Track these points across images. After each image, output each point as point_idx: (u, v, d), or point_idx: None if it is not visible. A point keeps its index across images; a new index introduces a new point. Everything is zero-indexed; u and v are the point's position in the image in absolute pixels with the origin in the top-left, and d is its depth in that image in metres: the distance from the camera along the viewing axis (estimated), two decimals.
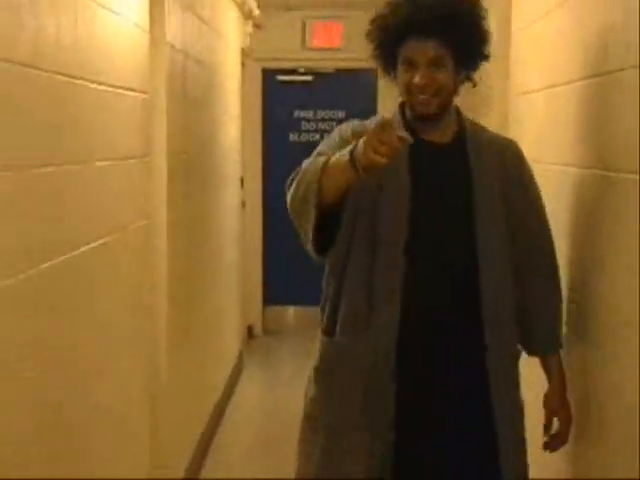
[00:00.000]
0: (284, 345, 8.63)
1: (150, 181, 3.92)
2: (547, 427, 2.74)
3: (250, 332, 8.74)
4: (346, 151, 2.39)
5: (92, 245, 2.94)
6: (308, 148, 9.32)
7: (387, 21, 2.67)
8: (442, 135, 2.67)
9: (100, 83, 3.01)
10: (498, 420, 2.59)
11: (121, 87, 3.31)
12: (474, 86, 2.73)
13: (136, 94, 3.56)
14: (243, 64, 7.81)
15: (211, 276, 5.86)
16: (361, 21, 8.79)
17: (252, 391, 7.16)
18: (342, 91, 8.93)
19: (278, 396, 6.80)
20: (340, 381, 2.63)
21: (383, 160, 2.25)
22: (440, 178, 2.67)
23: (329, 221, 2.52)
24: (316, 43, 8.66)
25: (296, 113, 8.96)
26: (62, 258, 2.65)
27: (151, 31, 3.85)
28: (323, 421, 2.65)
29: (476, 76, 2.70)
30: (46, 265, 2.50)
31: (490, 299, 2.60)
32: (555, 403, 2.72)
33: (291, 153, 8.90)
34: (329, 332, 2.69)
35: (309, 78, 8.91)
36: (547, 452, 2.76)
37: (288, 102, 8.94)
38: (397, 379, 2.57)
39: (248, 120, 8.33)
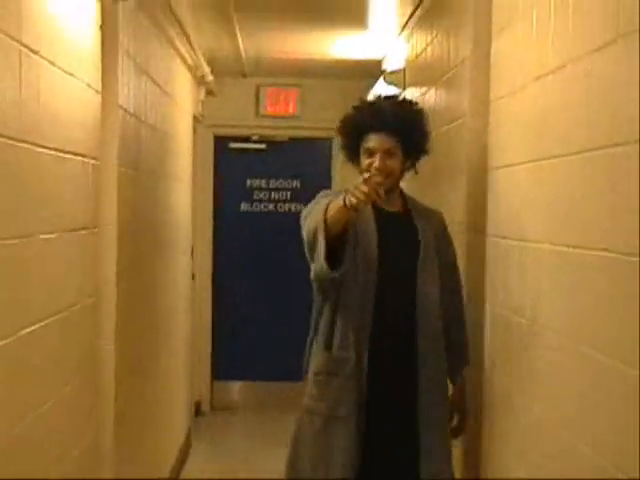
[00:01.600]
0: (233, 423, 8.27)
1: (98, 254, 3.61)
2: (450, 420, 3.67)
3: (198, 409, 8.37)
4: (339, 198, 3.18)
5: (36, 326, 2.62)
6: (260, 218, 9.21)
7: (354, 120, 3.61)
8: (394, 206, 3.63)
9: (47, 147, 2.72)
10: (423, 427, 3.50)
11: (70, 152, 3.02)
12: (416, 173, 3.74)
13: (86, 159, 3.27)
14: (195, 131, 7.55)
15: (161, 351, 5.53)
16: (316, 88, 8.73)
17: (200, 468, 6.81)
18: (296, 160, 8.71)
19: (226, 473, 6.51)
20: (336, 383, 3.46)
21: (366, 199, 3.10)
22: (397, 236, 3.59)
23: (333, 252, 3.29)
24: (270, 110, 8.43)
25: (248, 182, 8.70)
26: (3, 342, 2.33)
27: (103, 93, 3.58)
28: (321, 413, 3.49)
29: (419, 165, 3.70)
30: None
31: (425, 325, 3.51)
32: (456, 403, 3.70)
33: (242, 223, 8.65)
34: (328, 347, 3.50)
35: (262, 146, 8.67)
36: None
37: (240, 170, 8.68)
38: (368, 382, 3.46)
39: (199, 188, 8.05)
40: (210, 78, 7.38)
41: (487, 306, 3.57)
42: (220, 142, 8.59)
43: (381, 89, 6.43)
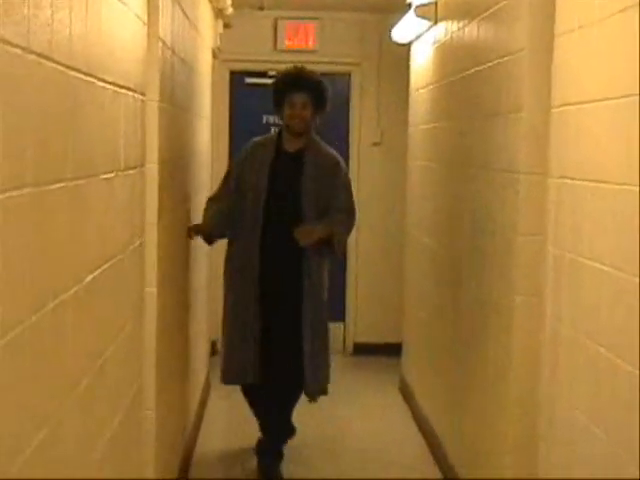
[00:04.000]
0: None
1: (144, 193, 3.47)
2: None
3: (214, 348, 8.26)
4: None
5: (99, 271, 2.49)
6: None
7: (282, 83, 5.22)
8: (294, 147, 5.06)
9: (108, 82, 2.56)
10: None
11: (124, 87, 2.86)
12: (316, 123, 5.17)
13: (136, 95, 3.11)
14: (212, 65, 7.34)
15: (192, 292, 5.42)
16: (335, 22, 8.46)
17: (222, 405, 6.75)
18: None
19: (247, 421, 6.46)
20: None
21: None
22: (286, 173, 5.00)
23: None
24: (288, 44, 8.21)
25: (265, 118, 8.50)
26: (73, 290, 2.20)
27: (148, 24, 3.41)
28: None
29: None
30: (59, 299, 2.05)
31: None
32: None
33: None
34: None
35: None
36: None
37: (257, 106, 8.46)
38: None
39: (215, 124, 7.86)
40: (230, 11, 7.16)
41: (550, 248, 3.44)
42: (236, 77, 8.38)
43: (410, 23, 6.23)
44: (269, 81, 8.43)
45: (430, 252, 5.97)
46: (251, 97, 8.45)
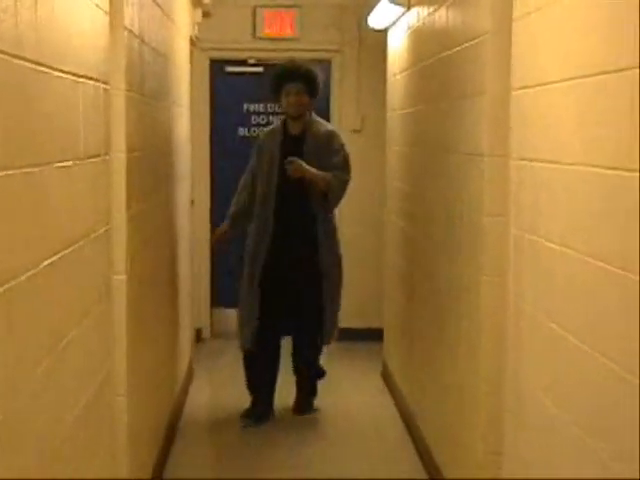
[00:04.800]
0: (233, 347, 8.22)
1: (110, 181, 3.50)
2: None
3: (199, 335, 8.33)
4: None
5: (56, 257, 2.53)
6: None
7: (279, 74, 5.94)
8: (297, 130, 5.96)
9: (63, 71, 2.59)
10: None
11: (83, 76, 2.89)
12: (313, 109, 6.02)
13: (97, 84, 3.14)
14: (191, 54, 7.37)
15: (167, 280, 5.45)
16: (314, 9, 8.49)
17: (204, 393, 6.80)
18: None
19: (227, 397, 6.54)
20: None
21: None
22: (292, 150, 5.83)
23: None
24: (267, 32, 8.23)
25: (246, 106, 8.52)
26: (26, 275, 2.24)
27: (110, 13, 3.43)
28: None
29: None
30: (9, 285, 2.09)
31: (316, 199, 5.82)
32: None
33: (240, 148, 8.48)
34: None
35: (260, 69, 8.47)
36: None
37: (237, 94, 8.49)
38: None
39: (195, 113, 7.89)
40: (207, 0, 7.18)
41: (512, 229, 3.48)
42: (216, 65, 8.39)
43: (384, 9, 6.26)
44: (249, 69, 8.50)
45: (406, 236, 6.02)
46: (232, 85, 8.48)
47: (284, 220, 5.84)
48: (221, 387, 7.16)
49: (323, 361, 6.38)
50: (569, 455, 2.83)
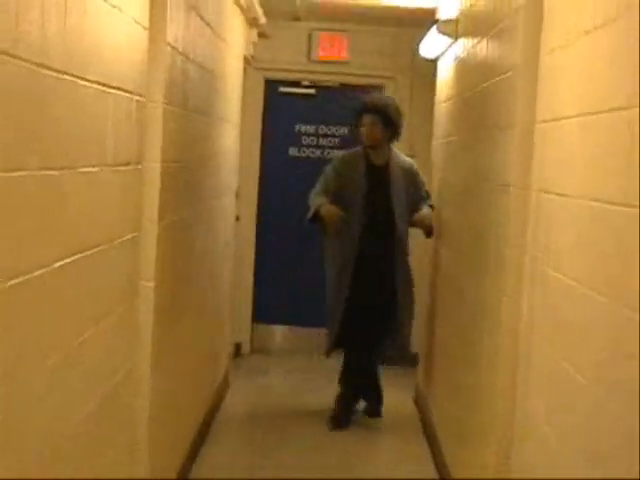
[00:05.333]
0: (271, 364, 8.34)
1: (142, 190, 3.63)
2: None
3: (238, 350, 8.44)
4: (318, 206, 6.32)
5: (70, 259, 2.65)
6: (308, 164, 9.22)
7: (357, 108, 6.45)
8: (380, 160, 6.42)
9: (91, 81, 2.72)
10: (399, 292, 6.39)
11: (115, 87, 3.02)
12: (397, 140, 6.56)
13: (131, 96, 3.27)
14: (245, 72, 7.52)
15: (203, 291, 5.57)
16: (368, 35, 8.61)
17: (238, 407, 6.89)
18: (346, 106, 8.62)
19: (263, 411, 6.64)
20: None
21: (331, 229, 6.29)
22: (377, 182, 6.33)
23: None
24: (322, 55, 8.36)
25: (297, 127, 8.66)
26: (38, 272, 2.36)
27: (151, 29, 3.57)
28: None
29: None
30: (19, 279, 2.21)
31: (400, 225, 6.30)
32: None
33: (290, 168, 8.62)
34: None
35: (312, 91, 8.61)
36: None
37: (290, 115, 8.63)
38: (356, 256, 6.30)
39: (247, 131, 8.04)
40: (263, 20, 7.33)
41: (527, 259, 3.54)
42: (270, 85, 8.54)
43: (433, 38, 6.35)
44: (302, 90, 8.63)
45: (444, 262, 6.08)
46: (285, 105, 8.62)
47: (368, 242, 6.28)
48: (255, 399, 7.26)
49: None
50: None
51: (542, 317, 3.26)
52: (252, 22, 7.32)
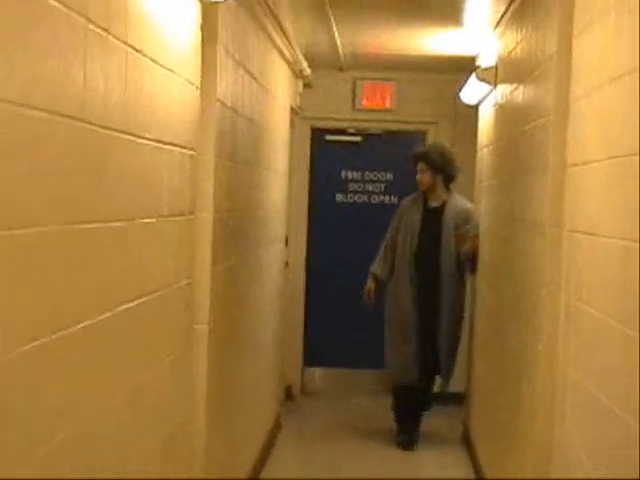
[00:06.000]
0: (321, 407, 8.49)
1: (195, 239, 3.85)
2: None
3: (289, 392, 8.62)
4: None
5: (134, 304, 2.86)
6: (354, 209, 9.41)
7: (414, 165, 7.27)
8: (436, 201, 7.13)
9: (148, 139, 2.95)
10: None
11: (169, 143, 3.25)
12: (450, 183, 7.19)
13: (184, 150, 3.50)
14: (292, 122, 7.78)
15: (253, 335, 5.77)
16: (411, 82, 8.85)
17: (288, 453, 7.05)
18: (390, 152, 8.85)
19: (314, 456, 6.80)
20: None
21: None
22: (431, 221, 7.03)
23: None
24: (366, 104, 8.61)
25: (344, 173, 8.89)
26: (103, 316, 2.57)
27: (202, 88, 3.81)
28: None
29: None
30: (86, 323, 2.43)
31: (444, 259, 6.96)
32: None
33: (337, 213, 8.84)
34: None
35: (358, 139, 8.85)
36: None
37: (336, 162, 8.87)
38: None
39: (296, 179, 8.28)
40: (308, 72, 7.59)
41: (562, 296, 3.70)
42: (317, 134, 8.79)
43: (473, 85, 6.55)
44: (348, 138, 8.88)
45: (487, 303, 6.23)
46: (332, 153, 8.86)
47: (420, 278, 7.03)
48: (308, 441, 7.42)
49: None
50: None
51: (576, 354, 3.41)
52: (298, 74, 7.58)
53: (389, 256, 7.16)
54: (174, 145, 3.33)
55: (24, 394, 2.08)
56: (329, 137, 8.84)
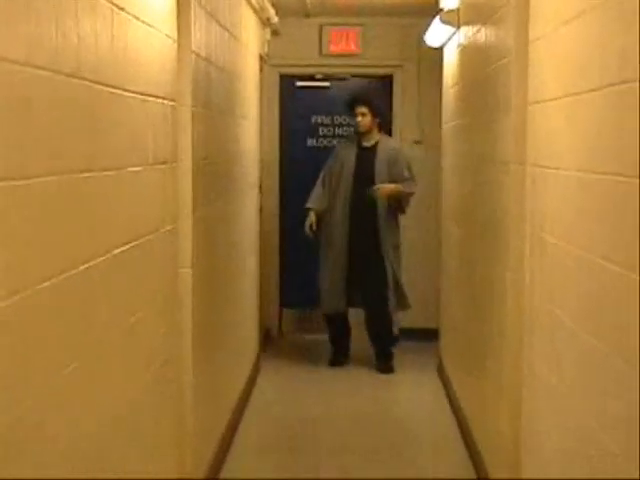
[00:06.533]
0: (301, 347, 8.74)
1: (176, 186, 4.04)
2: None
3: (267, 334, 8.86)
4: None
5: (125, 247, 3.06)
6: (326, 153, 9.56)
7: (349, 100, 7.83)
8: (369, 142, 7.69)
9: (134, 92, 3.13)
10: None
11: (152, 95, 3.43)
12: (381, 124, 7.79)
13: (165, 101, 3.68)
14: (261, 70, 7.92)
15: (232, 279, 5.98)
16: (377, 27, 9.01)
17: (269, 392, 7.30)
18: None
19: (293, 397, 7.06)
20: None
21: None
22: (365, 159, 7.59)
23: None
24: (333, 49, 8.76)
25: (314, 118, 9.06)
26: (99, 259, 2.77)
27: (179, 41, 3.97)
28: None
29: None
30: (83, 267, 2.62)
31: (382, 207, 7.56)
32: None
33: (309, 158, 9.02)
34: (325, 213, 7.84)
35: (327, 84, 9.01)
36: None
37: (306, 107, 9.03)
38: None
39: (266, 125, 8.45)
40: (275, 20, 7.73)
41: (527, 228, 3.93)
42: (286, 80, 8.94)
43: (437, 28, 6.73)
44: (317, 84, 9.04)
45: (455, 240, 6.47)
46: (301, 98, 9.02)
47: (355, 213, 7.60)
48: (286, 381, 7.69)
49: None
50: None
51: (541, 279, 3.65)
52: (265, 22, 7.72)
53: (326, 191, 7.73)
54: (157, 97, 3.51)
55: (39, 327, 2.28)
56: (299, 83, 8.99)
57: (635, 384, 2.46)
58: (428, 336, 8.24)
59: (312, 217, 7.78)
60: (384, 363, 7.74)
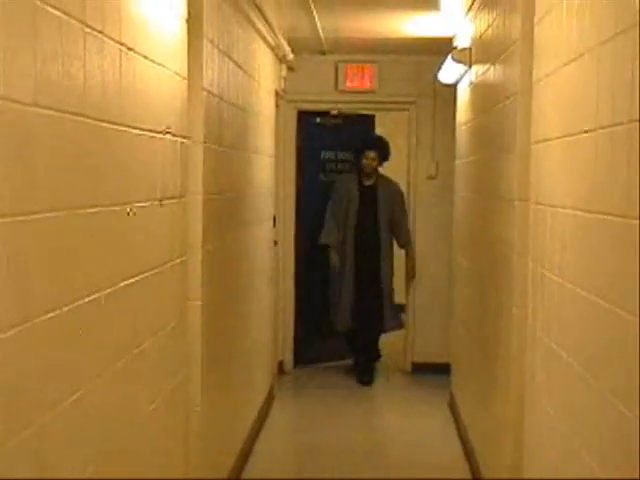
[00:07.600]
0: (314, 380, 8.80)
1: (186, 220, 4.12)
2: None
3: (281, 367, 8.91)
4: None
5: (133, 280, 3.14)
6: (331, 187, 9.62)
7: (360, 143, 8.76)
8: (370, 181, 8.67)
9: (142, 129, 3.22)
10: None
11: (161, 132, 3.52)
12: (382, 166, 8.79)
13: (175, 138, 3.77)
14: (278, 106, 8.03)
15: (245, 310, 6.05)
16: (392, 64, 9.15)
17: (282, 422, 7.35)
18: (361, 133, 9.18)
19: (307, 429, 7.11)
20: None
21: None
22: (367, 197, 8.64)
23: None
24: (349, 85, 8.89)
25: (323, 154, 9.22)
26: (105, 292, 2.85)
27: (189, 78, 4.07)
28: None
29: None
30: (89, 299, 2.70)
31: (383, 240, 8.71)
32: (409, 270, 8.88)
33: (322, 192, 9.11)
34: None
35: (339, 121, 9.17)
36: None
37: (317, 143, 9.17)
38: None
39: (282, 160, 8.55)
40: (291, 56, 7.84)
41: (530, 264, 3.99)
42: (302, 116, 9.05)
43: (450, 66, 6.82)
44: (334, 121, 9.16)
45: (465, 274, 6.52)
46: (314, 134, 9.14)
47: (360, 244, 8.61)
48: (300, 411, 7.73)
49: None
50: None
51: (542, 315, 3.71)
52: (282, 59, 7.83)
53: (336, 225, 8.56)
54: (166, 134, 3.60)
55: (45, 356, 2.36)
56: (318, 119, 9.14)
57: (633, 424, 2.50)
58: (442, 371, 8.28)
59: (334, 256, 8.63)
60: (367, 375, 8.59)
